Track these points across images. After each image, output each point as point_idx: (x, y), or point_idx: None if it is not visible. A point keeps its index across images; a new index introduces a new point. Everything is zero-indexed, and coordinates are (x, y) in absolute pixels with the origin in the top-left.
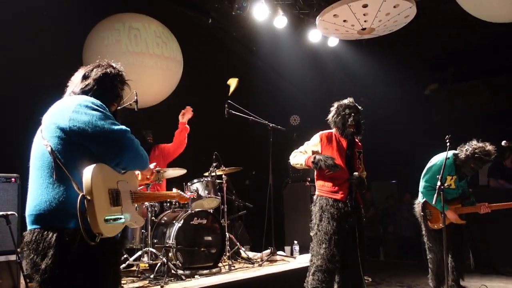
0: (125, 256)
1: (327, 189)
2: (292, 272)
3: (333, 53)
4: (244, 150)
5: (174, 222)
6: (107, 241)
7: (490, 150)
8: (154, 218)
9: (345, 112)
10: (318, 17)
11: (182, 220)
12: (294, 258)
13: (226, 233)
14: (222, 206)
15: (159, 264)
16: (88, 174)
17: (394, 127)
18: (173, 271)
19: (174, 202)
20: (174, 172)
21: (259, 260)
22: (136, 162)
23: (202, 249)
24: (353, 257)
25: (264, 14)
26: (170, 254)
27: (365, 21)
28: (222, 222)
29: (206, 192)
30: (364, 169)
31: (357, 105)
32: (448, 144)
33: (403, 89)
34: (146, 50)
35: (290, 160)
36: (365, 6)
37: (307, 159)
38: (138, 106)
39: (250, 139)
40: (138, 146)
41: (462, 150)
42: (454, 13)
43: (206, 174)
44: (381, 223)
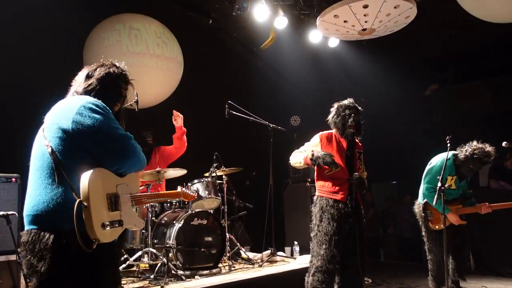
0: (125, 256)
1: (327, 189)
2: (292, 272)
3: (333, 53)
4: (244, 150)
5: (175, 222)
6: (105, 244)
7: (489, 151)
8: (154, 218)
9: (345, 112)
10: (318, 17)
11: (183, 220)
12: (294, 258)
13: (227, 233)
14: (223, 207)
15: (159, 264)
16: (85, 180)
17: (394, 128)
18: (173, 272)
19: (174, 203)
20: (175, 172)
21: (259, 260)
22: (134, 167)
23: (203, 249)
24: (353, 258)
25: (264, 14)
26: (170, 255)
27: (365, 21)
28: (222, 222)
29: (207, 192)
30: (364, 169)
31: (357, 105)
32: (448, 144)
33: (404, 89)
34: (147, 51)
35: (290, 160)
36: (365, 6)
37: (306, 157)
38: (139, 106)
39: (250, 140)
40: (139, 152)
41: (461, 151)
42: (454, 13)
43: (207, 174)
44: (381, 224)
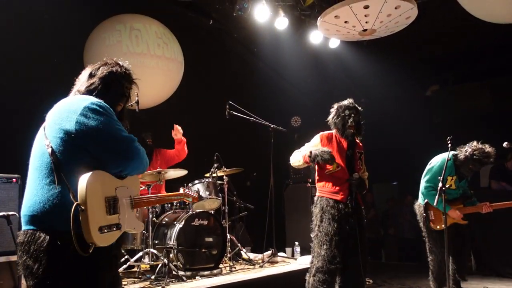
0: (126, 257)
1: (328, 190)
2: (293, 273)
3: (334, 54)
4: (245, 151)
5: (175, 223)
6: (102, 247)
7: (489, 152)
8: (155, 219)
9: (344, 113)
10: (319, 18)
11: (183, 221)
12: (295, 259)
13: (227, 234)
14: (223, 207)
15: (160, 265)
16: (83, 182)
17: (395, 128)
18: (174, 272)
19: (175, 203)
20: (175, 173)
21: (260, 261)
22: (138, 169)
23: (203, 250)
24: (354, 258)
25: (265, 15)
26: (171, 255)
27: (366, 22)
28: (223, 223)
29: (207, 193)
30: (365, 169)
31: (356, 106)
32: (449, 145)
33: (404, 90)
34: (147, 51)
35: (290, 160)
36: (366, 7)
37: (304, 155)
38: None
39: (251, 140)
40: (143, 154)
41: (461, 151)
42: (454, 14)
43: (207, 175)
44: (382, 225)
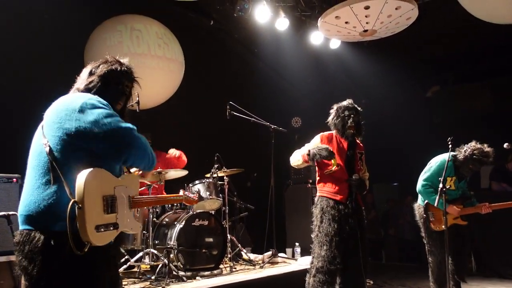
0: (126, 257)
1: (328, 190)
2: (293, 274)
3: (334, 54)
4: (245, 151)
5: (176, 223)
6: (99, 247)
7: (488, 151)
8: (155, 219)
9: (344, 114)
10: (320, 18)
11: (184, 221)
12: (296, 260)
13: (228, 234)
14: (224, 208)
15: (160, 265)
16: (81, 179)
17: (395, 129)
18: (174, 273)
19: (175, 204)
20: (176, 173)
21: (261, 262)
22: (143, 160)
23: (204, 250)
24: (354, 258)
25: (265, 16)
26: (172, 256)
27: (367, 22)
28: (223, 223)
29: (208, 193)
30: (366, 170)
31: (356, 106)
32: (450, 146)
33: (404, 90)
34: (148, 51)
35: (290, 161)
36: (367, 8)
37: (303, 154)
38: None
39: (251, 141)
40: (146, 144)
41: (460, 152)
42: (455, 14)
43: (208, 175)
44: (382, 226)
